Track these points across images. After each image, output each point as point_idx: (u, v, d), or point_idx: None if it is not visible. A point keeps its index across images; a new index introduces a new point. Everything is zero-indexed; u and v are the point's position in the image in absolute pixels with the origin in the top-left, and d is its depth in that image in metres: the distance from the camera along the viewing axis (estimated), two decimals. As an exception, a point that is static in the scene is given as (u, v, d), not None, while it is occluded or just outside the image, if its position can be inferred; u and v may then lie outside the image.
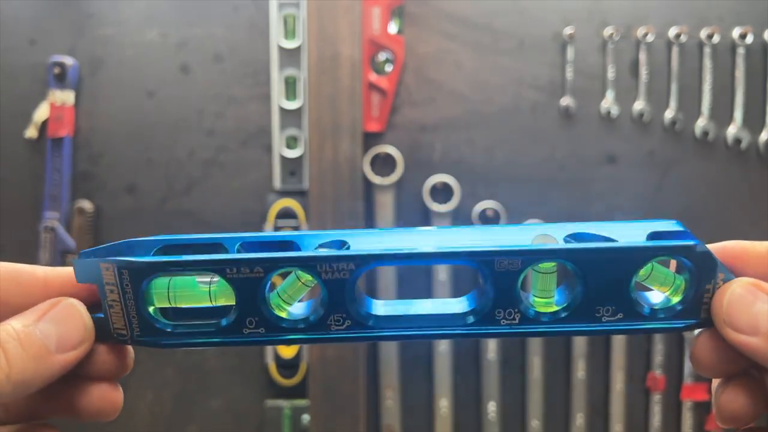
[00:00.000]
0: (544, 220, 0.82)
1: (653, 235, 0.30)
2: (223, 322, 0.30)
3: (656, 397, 0.83)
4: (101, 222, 0.83)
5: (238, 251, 0.30)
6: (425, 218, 0.82)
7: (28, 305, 0.28)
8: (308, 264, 0.29)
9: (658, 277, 0.30)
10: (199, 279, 0.30)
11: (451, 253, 0.29)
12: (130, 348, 0.31)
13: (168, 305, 0.30)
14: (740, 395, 0.28)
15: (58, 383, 0.28)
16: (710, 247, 0.29)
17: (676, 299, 0.30)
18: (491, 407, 0.83)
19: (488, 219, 0.81)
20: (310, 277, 0.29)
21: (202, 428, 0.84)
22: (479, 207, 0.82)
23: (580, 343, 0.83)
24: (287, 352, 0.82)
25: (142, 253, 0.30)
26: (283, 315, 0.30)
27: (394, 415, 0.83)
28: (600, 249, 0.29)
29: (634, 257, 0.29)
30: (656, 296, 0.31)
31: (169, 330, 0.30)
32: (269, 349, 0.82)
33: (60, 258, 0.81)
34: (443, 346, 0.82)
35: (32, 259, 0.81)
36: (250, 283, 0.29)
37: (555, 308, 0.30)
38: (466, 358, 0.83)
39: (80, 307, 0.28)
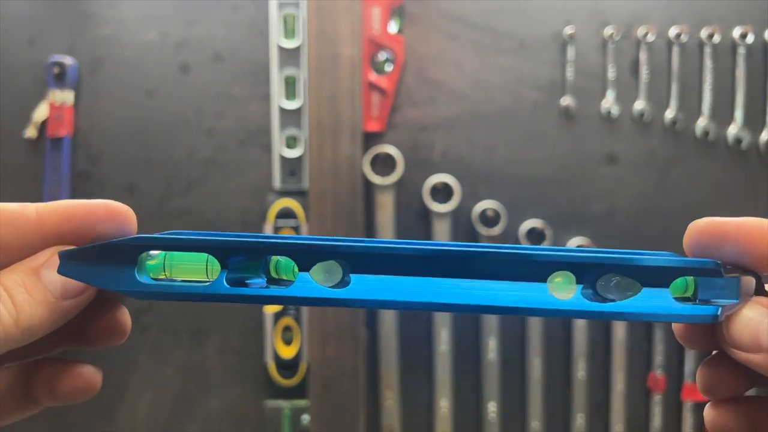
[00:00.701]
0: (544, 220, 0.82)
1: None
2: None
3: (657, 398, 0.83)
4: (101, 222, 0.83)
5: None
6: (425, 218, 0.82)
7: (24, 246, 0.28)
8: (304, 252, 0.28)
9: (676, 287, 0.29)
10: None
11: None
12: (125, 311, 0.31)
13: (163, 276, 0.29)
14: (732, 414, 0.29)
15: (38, 367, 0.29)
16: (691, 227, 0.29)
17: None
18: (491, 407, 0.83)
19: (488, 219, 0.81)
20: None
21: (202, 428, 0.84)
22: (479, 207, 0.81)
23: (580, 343, 0.83)
24: (287, 352, 0.82)
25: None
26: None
27: (394, 415, 0.83)
28: (621, 266, 0.28)
29: (658, 274, 0.28)
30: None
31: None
32: (269, 348, 0.82)
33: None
34: (443, 346, 0.82)
35: (32, 259, 0.81)
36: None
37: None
38: (466, 358, 0.83)
39: None
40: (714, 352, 0.30)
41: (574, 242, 0.81)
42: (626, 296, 0.28)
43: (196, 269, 0.29)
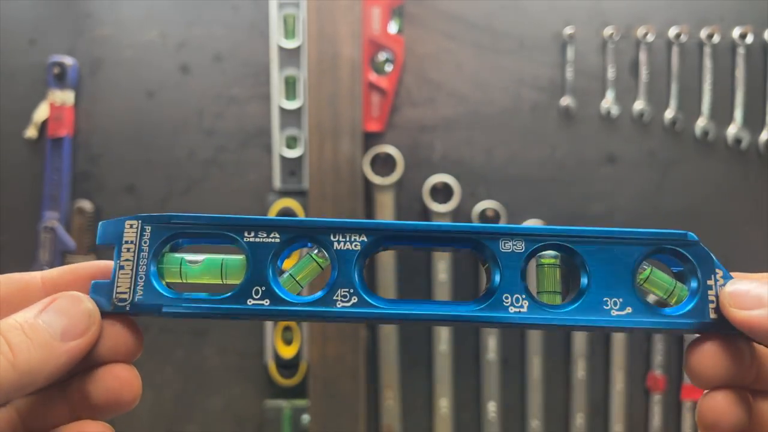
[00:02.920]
0: (545, 220, 0.82)
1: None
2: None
3: (656, 397, 0.83)
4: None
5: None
6: (425, 218, 0.82)
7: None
8: (323, 230, 0.30)
9: (657, 282, 0.30)
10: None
11: (458, 231, 0.30)
12: (137, 328, 0.31)
13: (179, 280, 0.30)
14: (726, 402, 0.29)
15: (68, 380, 0.28)
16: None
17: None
18: (491, 407, 0.83)
19: (488, 219, 0.81)
20: (322, 259, 0.30)
21: (202, 428, 0.84)
22: (479, 207, 0.82)
23: (580, 343, 0.83)
24: (287, 352, 0.82)
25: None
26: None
27: (394, 415, 0.83)
28: (599, 232, 0.30)
29: (633, 244, 0.30)
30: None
31: (171, 296, 0.30)
32: (269, 348, 0.82)
33: (60, 258, 0.81)
34: (443, 346, 0.82)
35: (32, 259, 0.81)
36: (264, 248, 0.30)
37: (561, 301, 0.30)
38: (466, 358, 0.83)
39: (82, 297, 0.28)
40: (696, 337, 0.31)
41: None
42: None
43: (209, 273, 0.30)
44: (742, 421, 0.29)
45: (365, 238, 0.30)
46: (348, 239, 0.30)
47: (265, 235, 0.30)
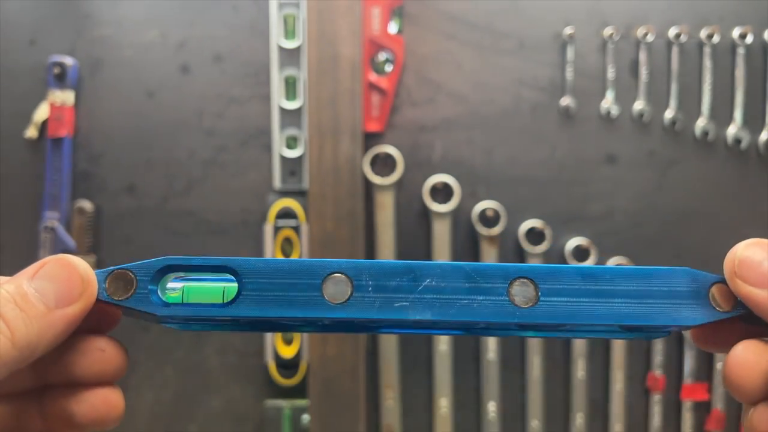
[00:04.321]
0: (544, 220, 0.82)
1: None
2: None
3: (656, 397, 0.83)
4: (101, 222, 0.83)
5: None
6: (425, 218, 0.82)
7: None
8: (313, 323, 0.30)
9: None
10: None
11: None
12: (123, 348, 0.30)
13: (180, 302, 0.29)
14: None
15: (53, 394, 0.27)
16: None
17: None
18: (491, 407, 0.83)
19: (488, 219, 0.81)
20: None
21: (202, 428, 0.84)
22: (479, 207, 0.82)
23: (580, 343, 0.83)
24: (287, 351, 0.82)
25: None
26: None
27: (394, 415, 0.83)
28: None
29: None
30: None
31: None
32: (269, 348, 0.82)
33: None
34: (443, 346, 0.82)
35: (32, 259, 0.81)
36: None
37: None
38: (466, 358, 0.83)
39: (73, 259, 0.27)
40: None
41: (573, 242, 0.81)
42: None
43: (210, 296, 0.30)
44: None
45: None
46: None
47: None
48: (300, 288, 0.28)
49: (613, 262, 0.82)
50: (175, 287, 0.30)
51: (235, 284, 0.29)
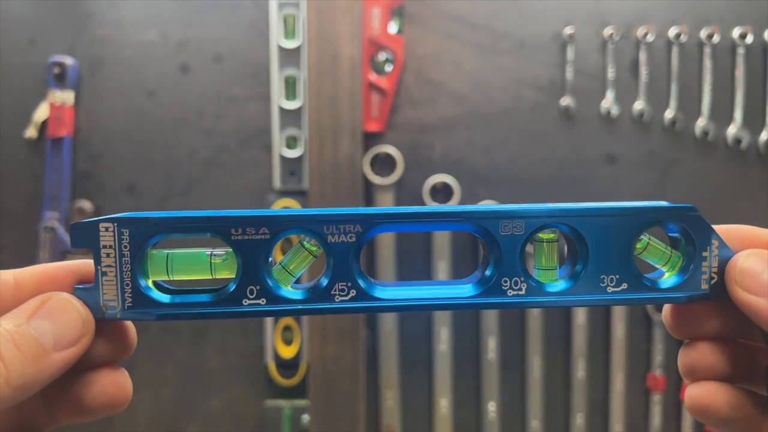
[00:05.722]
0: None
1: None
2: (225, 289, 0.29)
3: (656, 397, 0.83)
4: (101, 222, 0.83)
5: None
6: (425, 218, 0.82)
7: (1, 311, 0.26)
8: (315, 223, 0.28)
9: (654, 251, 0.30)
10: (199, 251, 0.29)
11: (456, 213, 0.29)
12: (131, 326, 0.29)
13: (166, 277, 0.29)
14: (710, 353, 0.30)
15: (59, 382, 0.27)
16: (715, 227, 0.30)
17: (673, 273, 0.30)
18: (491, 407, 0.83)
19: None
20: (315, 247, 0.29)
21: (202, 428, 0.84)
22: (479, 207, 0.81)
23: (579, 343, 0.83)
24: (287, 352, 0.82)
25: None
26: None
27: (394, 415, 0.83)
28: (599, 210, 0.29)
29: (632, 219, 0.30)
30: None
31: (163, 301, 0.28)
32: (269, 348, 0.82)
33: (60, 258, 0.81)
34: (443, 346, 0.82)
35: (32, 259, 0.81)
36: (254, 246, 0.28)
37: (559, 279, 0.30)
38: (466, 358, 0.83)
39: (74, 301, 0.27)
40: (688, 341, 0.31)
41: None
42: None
43: (198, 269, 0.29)
44: (723, 368, 0.29)
45: (360, 229, 0.28)
46: (342, 231, 0.28)
47: (253, 231, 0.28)
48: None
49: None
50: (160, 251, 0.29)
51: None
